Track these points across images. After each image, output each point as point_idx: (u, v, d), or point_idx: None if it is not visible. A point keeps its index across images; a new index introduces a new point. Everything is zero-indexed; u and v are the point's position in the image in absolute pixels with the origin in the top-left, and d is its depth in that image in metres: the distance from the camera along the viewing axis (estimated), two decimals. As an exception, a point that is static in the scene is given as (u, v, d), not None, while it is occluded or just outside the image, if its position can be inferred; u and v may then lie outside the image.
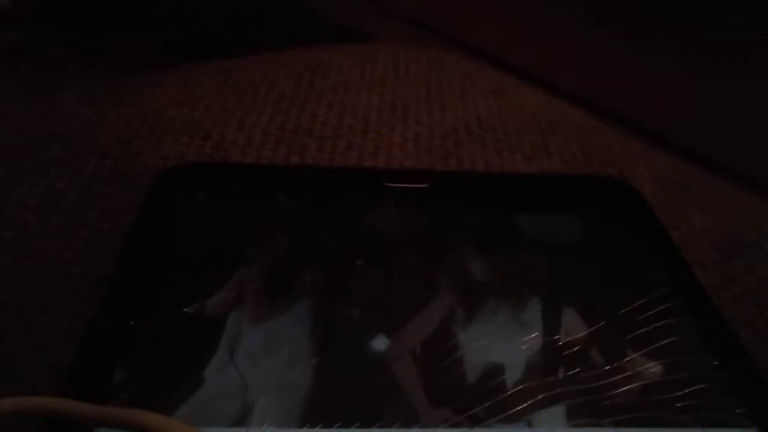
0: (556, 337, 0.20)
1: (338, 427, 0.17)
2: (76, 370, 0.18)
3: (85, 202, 0.25)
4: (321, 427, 0.17)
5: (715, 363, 0.20)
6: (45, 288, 0.22)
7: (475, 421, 0.18)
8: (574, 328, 0.21)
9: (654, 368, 0.20)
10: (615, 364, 0.20)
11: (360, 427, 0.17)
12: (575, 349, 0.20)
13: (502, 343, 0.20)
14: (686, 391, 0.19)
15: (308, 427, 0.17)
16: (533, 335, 0.20)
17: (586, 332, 0.21)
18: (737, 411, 0.19)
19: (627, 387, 0.19)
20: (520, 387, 0.19)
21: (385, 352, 0.19)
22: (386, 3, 0.92)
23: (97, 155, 0.27)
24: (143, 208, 0.23)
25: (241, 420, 0.17)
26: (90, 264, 0.23)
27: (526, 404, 0.18)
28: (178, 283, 0.21)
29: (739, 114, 0.66)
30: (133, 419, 0.16)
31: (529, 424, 0.18)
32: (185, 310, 0.20)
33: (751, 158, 0.61)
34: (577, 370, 0.19)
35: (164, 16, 1.01)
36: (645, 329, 0.21)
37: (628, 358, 0.20)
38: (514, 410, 0.18)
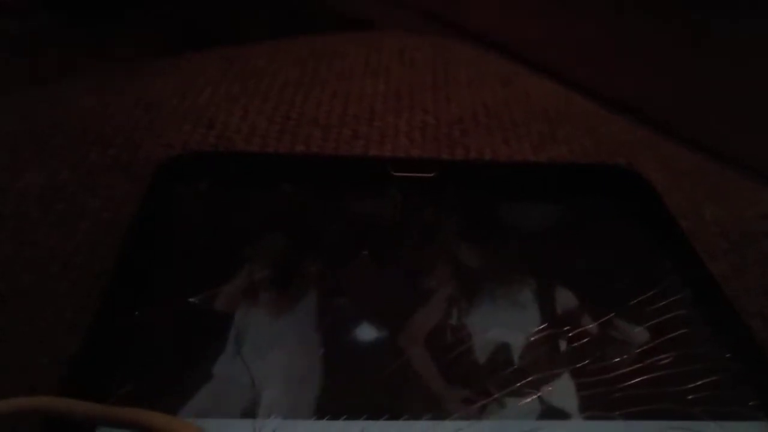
0: (565, 328, 0.20)
1: (345, 419, 0.17)
2: (79, 363, 0.18)
3: (87, 192, 0.25)
4: (328, 419, 0.17)
5: (727, 355, 0.20)
6: (46, 279, 0.22)
7: (483, 412, 0.17)
8: (582, 319, 0.20)
9: (664, 360, 0.19)
10: (624, 356, 0.19)
11: (367, 419, 0.17)
12: (584, 340, 0.20)
13: (510, 334, 0.20)
14: (697, 383, 0.19)
15: (315, 419, 0.17)
16: (541, 326, 0.20)
17: (595, 323, 0.20)
18: (750, 403, 0.18)
19: (637, 379, 0.19)
20: (529, 379, 0.18)
21: (392, 343, 0.19)
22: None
23: (100, 145, 0.27)
24: (146, 198, 0.23)
25: (248, 412, 0.17)
26: (92, 255, 0.22)
27: (534, 396, 0.18)
28: (181, 274, 0.21)
29: (747, 106, 0.66)
30: (136, 418, 0.15)
31: (538, 416, 0.18)
32: (190, 300, 0.20)
33: (759, 151, 0.61)
34: (587, 361, 0.19)
35: (166, 10, 1.00)
36: (654, 320, 0.21)
37: (637, 350, 0.20)
38: (523, 402, 0.18)
